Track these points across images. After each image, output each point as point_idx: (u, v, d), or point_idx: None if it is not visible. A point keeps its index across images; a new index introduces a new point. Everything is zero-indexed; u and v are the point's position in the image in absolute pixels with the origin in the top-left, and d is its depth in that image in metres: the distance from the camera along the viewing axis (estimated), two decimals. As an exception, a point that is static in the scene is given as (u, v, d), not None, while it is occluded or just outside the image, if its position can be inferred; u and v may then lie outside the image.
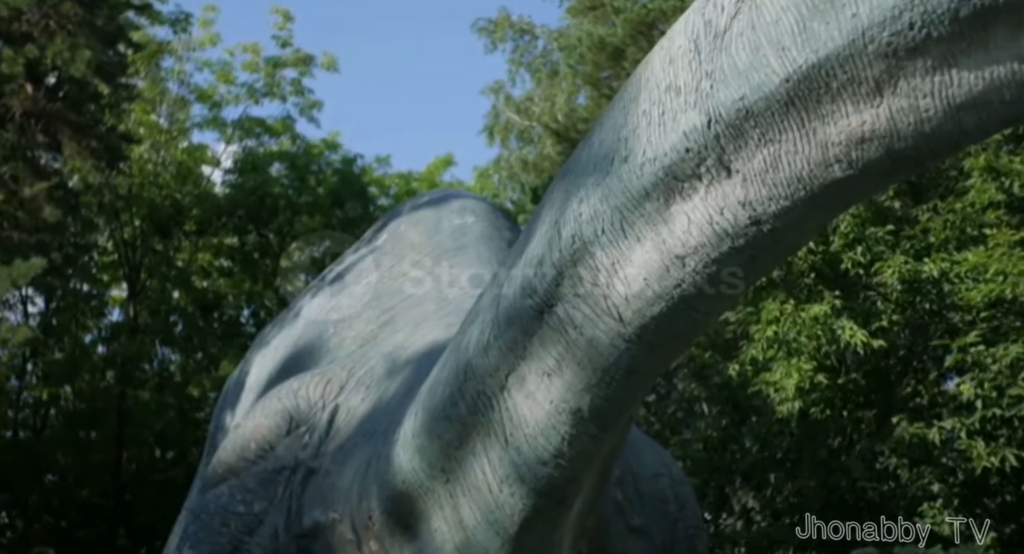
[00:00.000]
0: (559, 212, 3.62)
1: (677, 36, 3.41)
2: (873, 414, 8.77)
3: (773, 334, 8.55)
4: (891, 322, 8.37)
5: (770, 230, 3.24)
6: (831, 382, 8.49)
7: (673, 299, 3.37)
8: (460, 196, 7.06)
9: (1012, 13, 2.85)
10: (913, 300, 8.58)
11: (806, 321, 8.37)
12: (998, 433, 7.64)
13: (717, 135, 3.22)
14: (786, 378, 8.34)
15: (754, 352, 8.75)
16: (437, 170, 27.37)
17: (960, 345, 7.71)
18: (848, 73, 3.03)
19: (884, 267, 8.41)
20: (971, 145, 6.83)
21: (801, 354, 8.43)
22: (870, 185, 3.26)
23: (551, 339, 3.57)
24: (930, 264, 8.29)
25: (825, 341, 8.32)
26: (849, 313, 8.44)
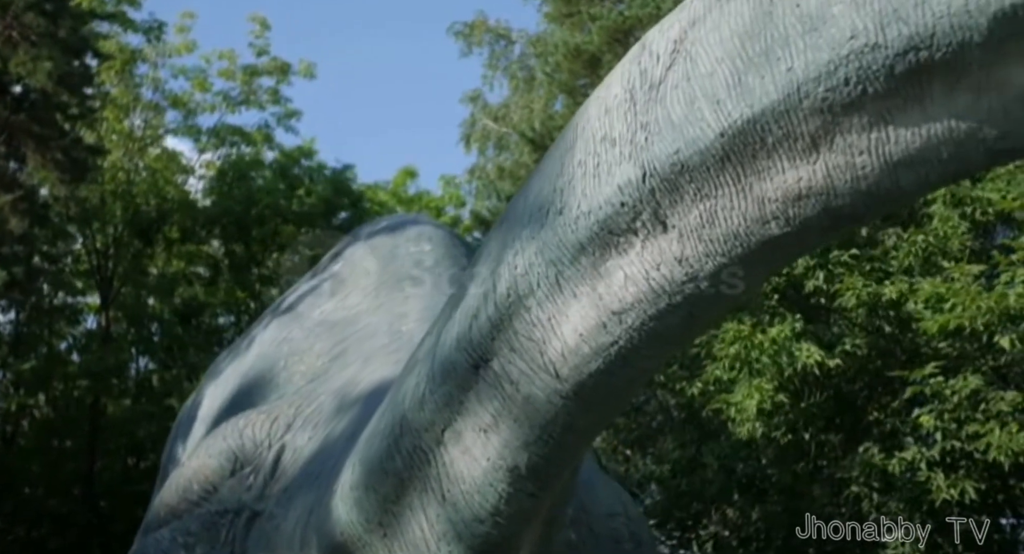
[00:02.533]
0: (495, 263, 3.52)
1: (613, 84, 3.31)
2: (839, 439, 8.71)
3: (735, 354, 8.49)
4: (853, 345, 8.31)
5: (708, 287, 3.15)
6: (794, 404, 8.43)
7: (610, 356, 3.28)
8: (418, 223, 6.95)
9: (948, 70, 2.77)
10: (875, 324, 8.53)
11: (765, 343, 8.31)
12: (959, 465, 7.59)
13: (652, 189, 3.13)
14: (747, 399, 8.27)
15: (718, 372, 8.69)
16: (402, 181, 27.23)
17: (919, 376, 7.65)
18: (784, 128, 2.95)
19: (843, 289, 8.35)
20: (910, 202, 6.78)
21: (762, 375, 8.37)
22: (808, 242, 3.18)
23: (487, 395, 3.47)
24: (890, 288, 8.24)
25: (786, 363, 8.26)
26: (811, 336, 8.38)
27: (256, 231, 21.20)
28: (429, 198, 26.97)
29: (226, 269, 21.38)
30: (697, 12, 3.14)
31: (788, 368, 8.24)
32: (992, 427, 7.34)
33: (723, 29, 3.05)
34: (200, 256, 22.13)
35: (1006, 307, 7.30)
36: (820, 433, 8.71)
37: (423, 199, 26.96)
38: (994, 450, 7.22)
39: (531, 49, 26.72)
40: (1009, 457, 7.18)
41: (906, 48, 2.78)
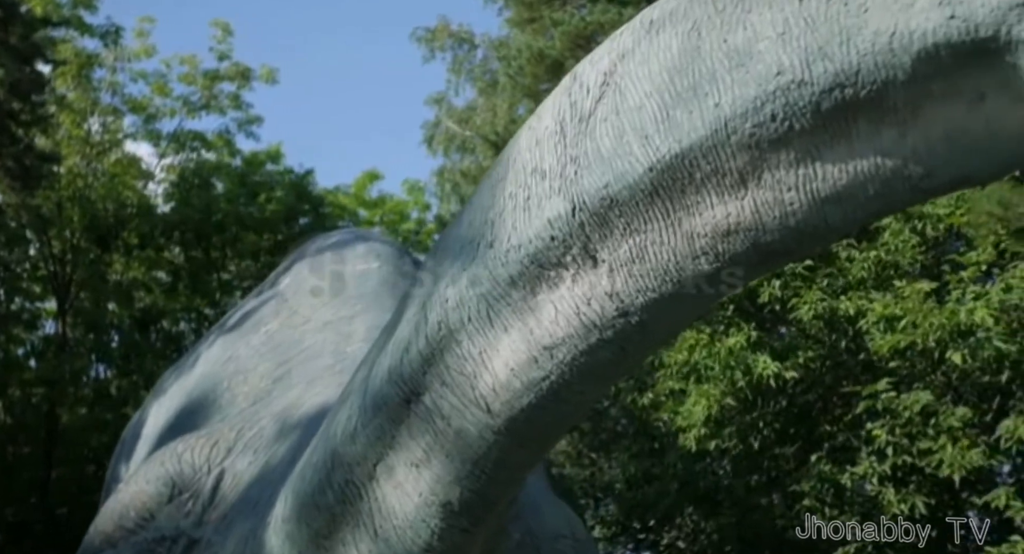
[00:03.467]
0: (427, 295, 3.47)
1: (544, 116, 3.27)
2: (793, 451, 8.72)
3: (685, 361, 8.46)
4: (807, 358, 8.32)
5: (638, 322, 3.12)
6: (743, 413, 8.43)
7: (542, 391, 3.24)
8: (366, 239, 6.87)
9: (873, 107, 2.76)
10: (830, 337, 8.55)
11: (721, 352, 8.30)
12: (909, 480, 7.62)
13: (582, 223, 3.09)
14: (695, 405, 8.26)
15: (670, 382, 8.67)
16: (364, 184, 27.05)
17: (869, 392, 7.68)
18: (712, 164, 2.92)
19: (800, 303, 8.36)
20: (838, 239, 6.80)
21: (711, 382, 8.36)
22: (739, 276, 3.15)
23: (419, 429, 3.42)
24: (846, 302, 8.26)
25: (740, 373, 8.26)
26: (765, 346, 8.38)
27: (216, 237, 20.98)
28: (393, 202, 26.82)
29: (185, 276, 21.13)
30: (626, 45, 3.11)
31: (743, 378, 8.24)
32: (943, 443, 7.37)
33: (652, 63, 3.02)
34: (160, 262, 21.87)
35: (957, 323, 7.33)
36: (774, 445, 8.71)
37: (386, 203, 26.81)
38: (946, 466, 7.25)
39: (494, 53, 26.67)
40: (960, 472, 7.21)
41: (832, 85, 2.77)
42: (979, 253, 8.08)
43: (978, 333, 7.34)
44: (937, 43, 2.64)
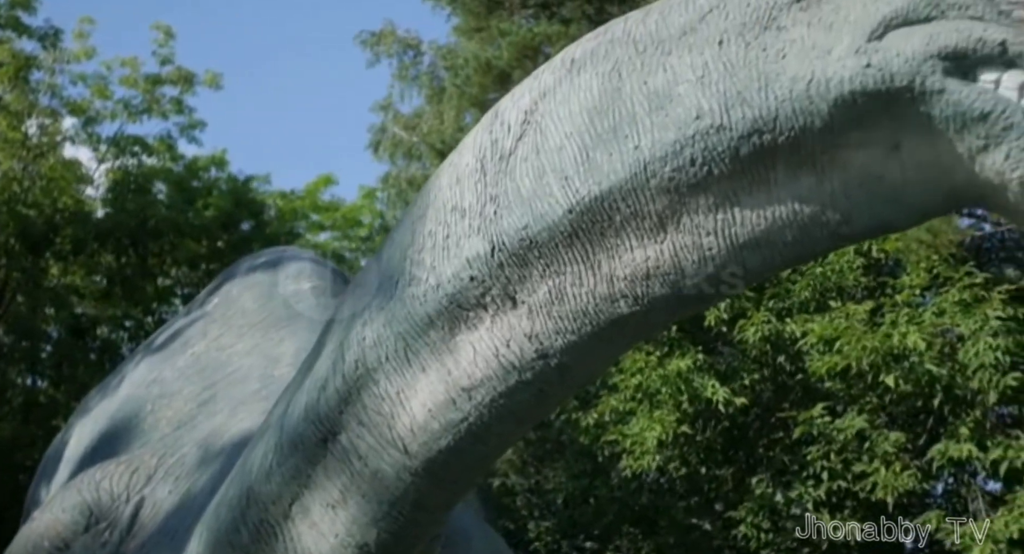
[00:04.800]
0: (345, 332, 3.39)
1: (466, 152, 3.22)
2: (732, 473, 8.73)
3: (636, 385, 8.45)
4: (752, 381, 8.34)
5: (558, 364, 3.07)
6: (691, 438, 8.43)
7: (460, 432, 3.18)
8: (297, 259, 6.76)
9: (791, 153, 2.75)
10: (773, 360, 8.58)
11: (669, 375, 8.29)
12: (844, 504, 7.66)
13: (501, 264, 3.04)
14: (647, 431, 8.24)
15: (615, 402, 8.65)
16: (318, 189, 26.79)
17: (805, 418, 7.72)
18: (631, 207, 2.89)
19: (747, 326, 8.38)
20: (755, 284, 6.84)
21: (663, 407, 8.34)
22: (658, 320, 3.12)
23: (335, 469, 3.34)
24: (791, 325, 8.30)
25: (687, 396, 8.25)
26: (712, 370, 8.39)
27: (152, 244, 20.60)
28: (345, 207, 26.57)
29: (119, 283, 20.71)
30: (547, 83, 3.07)
31: (690, 402, 8.23)
32: (877, 467, 7.42)
33: (572, 103, 2.98)
34: (97, 269, 21.44)
35: (890, 347, 7.40)
36: (714, 466, 8.73)
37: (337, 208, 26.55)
38: (879, 489, 7.30)
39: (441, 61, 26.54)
40: (892, 496, 7.27)
41: (750, 130, 2.75)
42: (912, 278, 8.17)
43: (911, 357, 7.42)
44: (854, 91, 2.64)
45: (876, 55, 2.61)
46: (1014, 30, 2.56)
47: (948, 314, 7.55)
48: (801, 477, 7.77)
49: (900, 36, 2.60)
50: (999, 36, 2.54)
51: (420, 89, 28.23)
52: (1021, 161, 2.54)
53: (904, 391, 7.54)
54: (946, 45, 2.56)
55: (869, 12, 2.64)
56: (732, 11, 2.82)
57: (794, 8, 2.75)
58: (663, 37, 2.90)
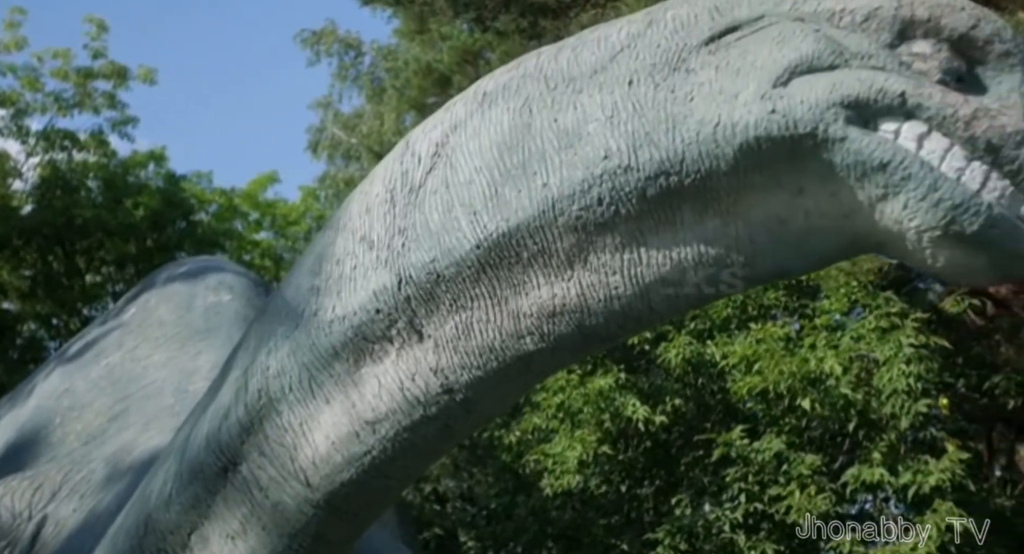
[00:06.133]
0: (250, 359, 3.34)
1: (377, 181, 3.19)
2: (652, 492, 8.79)
3: (558, 404, 8.47)
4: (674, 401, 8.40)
5: (463, 399, 3.05)
6: (613, 457, 8.47)
7: (363, 466, 3.14)
8: (219, 270, 6.64)
9: (697, 196, 2.76)
10: (696, 380, 8.65)
11: (591, 393, 8.32)
12: (760, 527, 7.75)
13: (408, 297, 3.01)
14: (569, 450, 8.27)
15: (537, 420, 8.66)
16: (260, 187, 26.46)
17: (724, 440, 7.80)
18: (539, 244, 2.88)
19: (669, 348, 8.44)
20: (662, 323, 6.91)
21: (585, 426, 8.38)
22: (563, 358, 3.12)
23: (236, 500, 3.28)
24: (712, 347, 8.38)
25: (609, 415, 8.29)
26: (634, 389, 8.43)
27: (80, 242, 20.17)
28: (286, 206, 26.26)
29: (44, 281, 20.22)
30: (459, 116, 3.05)
31: (611, 421, 8.27)
32: (792, 489, 7.52)
33: (483, 137, 2.97)
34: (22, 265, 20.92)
35: (808, 371, 7.51)
36: (636, 486, 8.77)
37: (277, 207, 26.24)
38: (794, 512, 7.40)
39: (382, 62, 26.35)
40: (807, 519, 7.37)
41: (657, 172, 2.76)
42: (831, 303, 8.30)
43: (827, 381, 7.53)
44: (759, 136, 2.66)
45: (781, 101, 2.64)
46: (914, 81, 2.60)
47: (865, 340, 7.69)
48: (720, 498, 7.85)
49: (805, 83, 2.63)
50: (899, 87, 2.58)
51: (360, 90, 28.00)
52: (919, 211, 2.58)
53: (821, 414, 7.65)
54: (848, 94, 2.59)
55: (775, 58, 2.66)
56: (643, 52, 2.82)
57: (703, 51, 2.76)
58: (574, 74, 2.90)
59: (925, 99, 2.58)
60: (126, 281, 19.72)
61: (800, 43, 2.65)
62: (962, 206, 2.54)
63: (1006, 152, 2.56)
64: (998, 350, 10.50)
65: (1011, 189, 2.57)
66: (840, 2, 2.69)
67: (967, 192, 2.55)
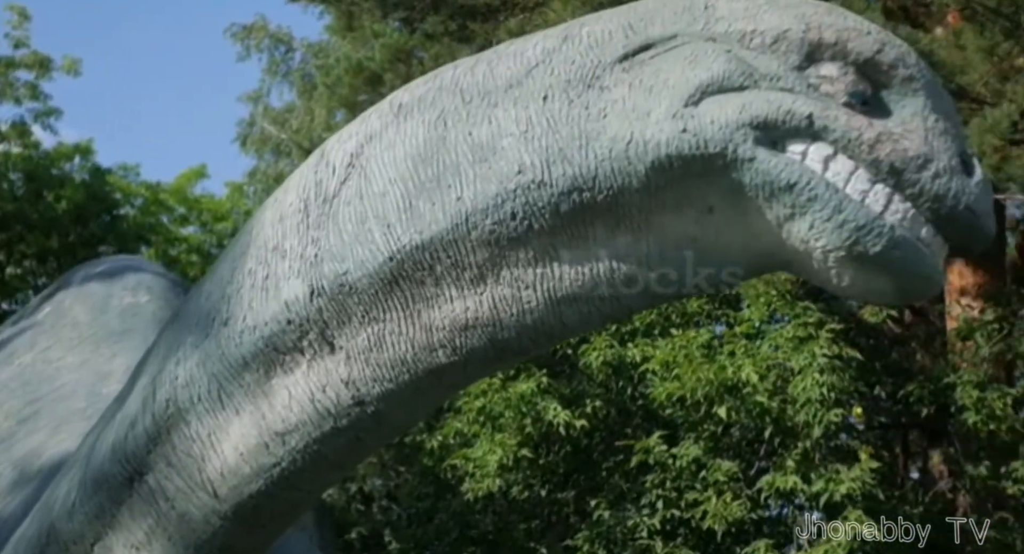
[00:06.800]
0: (159, 368, 3.29)
1: (291, 191, 3.16)
2: (573, 496, 8.84)
3: (480, 408, 8.48)
4: (595, 406, 8.46)
5: (374, 412, 3.04)
6: (534, 461, 8.50)
7: (272, 477, 3.12)
8: (138, 270, 6.52)
9: (610, 212, 2.79)
10: (616, 384, 8.72)
11: (512, 397, 8.34)
12: (677, 533, 7.84)
13: (320, 309, 2.99)
14: (489, 454, 8.28)
15: (459, 424, 8.66)
16: (188, 181, 26.01)
17: (643, 446, 7.88)
18: (452, 258, 2.88)
19: (590, 350, 8.50)
20: (574, 337, 6.98)
21: (506, 430, 8.39)
22: (475, 372, 3.13)
23: (141, 510, 3.24)
24: (633, 350, 8.45)
25: (530, 420, 8.32)
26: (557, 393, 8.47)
27: (0, 235, 19.66)
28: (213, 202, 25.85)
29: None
30: (374, 127, 3.04)
31: (532, 425, 8.29)
32: (709, 495, 7.62)
33: (398, 149, 2.96)
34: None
35: (725, 378, 7.61)
36: (556, 491, 8.82)
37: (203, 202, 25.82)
38: (709, 518, 7.50)
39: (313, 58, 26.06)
40: (722, 525, 7.48)
41: (570, 188, 2.77)
42: (751, 311, 8.42)
43: (744, 389, 7.64)
44: (670, 155, 2.68)
45: (692, 120, 2.67)
46: (821, 104, 2.65)
47: (782, 349, 7.82)
48: (638, 504, 7.92)
49: (715, 103, 2.66)
50: (806, 109, 2.63)
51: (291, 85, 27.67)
52: (824, 232, 2.62)
53: (738, 421, 7.76)
54: (757, 115, 2.63)
55: (687, 77, 2.69)
56: (558, 67, 2.84)
57: (617, 68, 2.79)
58: (490, 88, 2.90)
59: (831, 121, 2.62)
60: (48, 275, 19.28)
61: (711, 63, 2.68)
62: (865, 227, 2.59)
63: (908, 175, 2.61)
64: (914, 358, 10.76)
65: (912, 211, 2.63)
66: (751, 23, 2.72)
67: (870, 214, 2.60)
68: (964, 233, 2.66)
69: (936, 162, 2.61)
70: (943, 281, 2.81)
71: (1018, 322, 9.73)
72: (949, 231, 2.65)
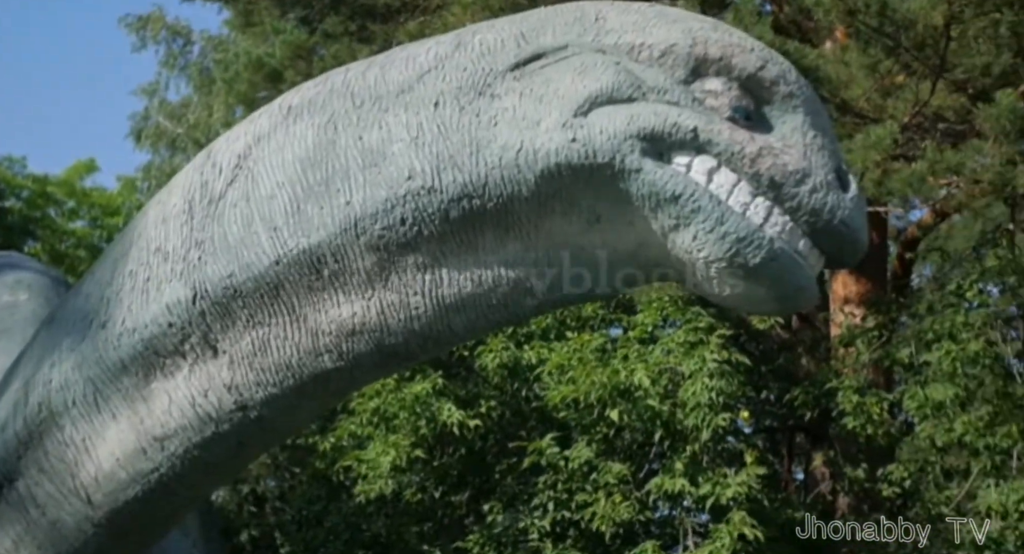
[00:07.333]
0: (32, 371, 3.19)
1: (175, 192, 3.09)
2: (466, 499, 8.83)
3: (374, 409, 8.41)
4: (489, 408, 8.46)
5: (257, 416, 3.00)
6: (428, 462, 8.47)
7: (150, 483, 3.05)
8: (18, 267, 6.26)
9: (499, 220, 2.80)
10: (512, 386, 8.73)
11: (407, 398, 8.30)
12: (567, 534, 7.90)
13: (203, 312, 2.94)
14: (382, 456, 8.22)
15: (353, 426, 8.58)
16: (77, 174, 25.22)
17: (535, 448, 7.92)
18: (340, 262, 2.86)
19: (486, 352, 8.50)
20: (462, 343, 7.02)
21: (400, 431, 8.34)
22: (362, 377, 3.11)
23: (9, 517, 3.14)
24: (529, 352, 8.48)
25: (424, 421, 8.28)
26: (450, 394, 8.44)
27: None
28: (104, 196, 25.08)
29: None
30: (262, 129, 2.99)
31: (427, 426, 8.25)
32: (598, 497, 7.69)
33: (286, 152, 2.92)
34: None
35: (618, 382, 7.70)
36: (450, 492, 8.79)
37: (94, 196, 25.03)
38: (598, 520, 7.57)
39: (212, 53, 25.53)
40: (610, 526, 7.56)
41: (460, 195, 2.78)
42: (645, 316, 8.54)
43: (636, 392, 7.74)
44: (559, 163, 2.71)
45: (581, 130, 2.70)
46: (706, 117, 2.70)
47: (674, 353, 7.94)
48: (530, 506, 7.95)
49: (604, 114, 2.69)
50: (692, 122, 2.68)
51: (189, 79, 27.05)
52: (707, 242, 2.68)
53: (630, 424, 7.85)
54: (645, 127, 2.67)
55: (577, 88, 2.72)
56: (449, 74, 2.84)
57: (508, 77, 2.80)
58: (381, 93, 2.89)
59: (715, 135, 2.68)
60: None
61: (601, 74, 2.71)
62: (746, 239, 2.65)
63: (787, 189, 2.68)
64: (800, 363, 11.03)
65: (791, 224, 2.70)
66: (640, 37, 2.76)
67: (751, 226, 2.66)
68: (839, 246, 2.74)
69: (814, 177, 2.68)
70: (818, 292, 2.89)
71: (897, 329, 10.05)
72: (825, 244, 2.73)
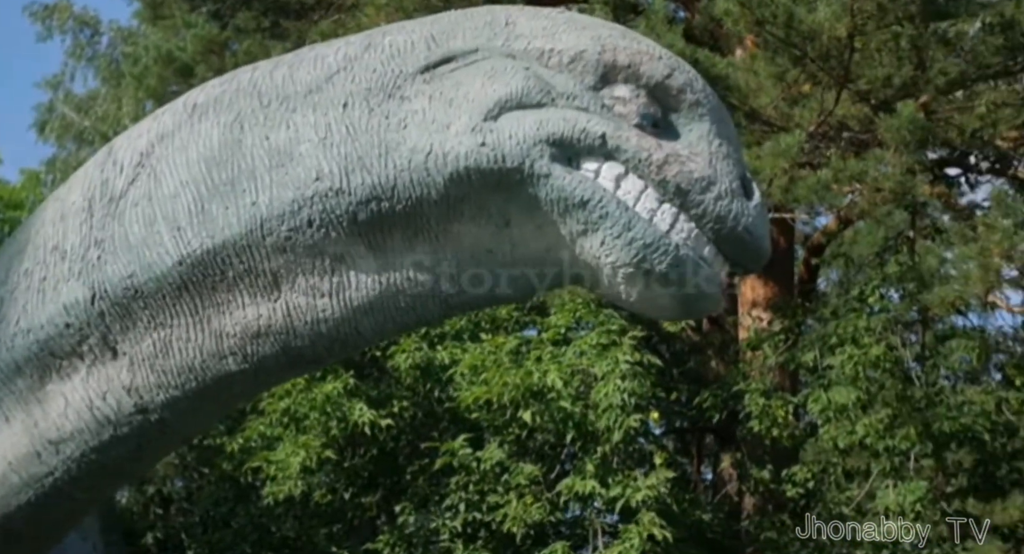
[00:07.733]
0: (-84, 373, 3.07)
1: (75, 189, 3.02)
2: (378, 499, 8.79)
3: (284, 409, 8.32)
4: (401, 408, 8.44)
5: (158, 419, 2.94)
6: (339, 463, 8.40)
7: (44, 488, 2.97)
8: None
9: (408, 223, 2.79)
10: (424, 387, 8.72)
11: (318, 398, 8.22)
12: (478, 535, 7.91)
13: (102, 312, 2.87)
14: (292, 456, 8.13)
15: (262, 427, 8.47)
16: (-23, 168, 24.45)
17: (447, 449, 7.93)
18: (245, 263, 2.82)
19: (398, 352, 8.48)
20: (370, 346, 7.02)
21: (311, 431, 8.26)
22: (266, 380, 3.07)
23: None
24: (442, 353, 8.47)
25: (335, 421, 8.22)
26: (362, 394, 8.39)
27: None
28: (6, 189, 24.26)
29: None
30: (166, 126, 2.94)
31: (337, 426, 8.19)
32: (510, 498, 7.72)
33: (191, 150, 2.87)
34: None
35: (531, 384, 7.74)
36: (360, 493, 8.74)
37: (-1, 190, 24.21)
38: (509, 521, 7.60)
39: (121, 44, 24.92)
40: (521, 527, 7.60)
41: (368, 197, 2.76)
42: (558, 318, 8.60)
43: (549, 394, 7.78)
44: (468, 168, 2.71)
45: (491, 135, 2.70)
46: (614, 124, 2.72)
47: (587, 355, 8.01)
48: (441, 507, 7.95)
49: (514, 119, 2.70)
50: (600, 129, 2.70)
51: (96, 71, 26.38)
52: (614, 248, 2.70)
53: (542, 425, 7.90)
54: (554, 132, 2.68)
55: (487, 92, 2.72)
56: (359, 75, 2.82)
57: (418, 79, 2.79)
58: (289, 93, 2.85)
59: (623, 142, 2.70)
60: None
61: (511, 79, 2.72)
62: (652, 245, 2.68)
63: (693, 196, 2.72)
64: (709, 365, 11.22)
65: (696, 231, 2.74)
66: (549, 42, 2.78)
67: (658, 232, 2.69)
68: (742, 252, 2.79)
69: (719, 184, 2.72)
70: (723, 299, 2.93)
71: (803, 333, 10.28)
72: (729, 250, 2.77)
